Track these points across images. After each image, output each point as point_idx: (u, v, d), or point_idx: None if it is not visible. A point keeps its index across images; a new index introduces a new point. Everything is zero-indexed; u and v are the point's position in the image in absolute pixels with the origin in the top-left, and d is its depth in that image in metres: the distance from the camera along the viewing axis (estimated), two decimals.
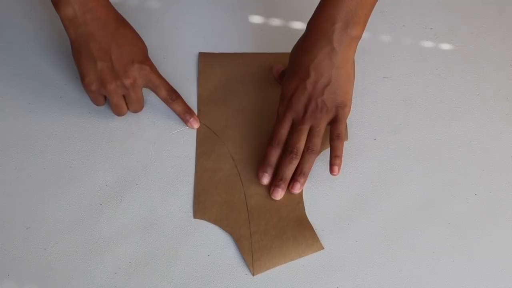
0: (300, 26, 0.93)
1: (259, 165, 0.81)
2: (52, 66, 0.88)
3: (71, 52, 0.80)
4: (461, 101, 0.88)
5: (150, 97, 0.87)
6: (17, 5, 0.94)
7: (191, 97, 0.87)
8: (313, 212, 0.80)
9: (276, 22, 0.94)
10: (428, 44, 0.93)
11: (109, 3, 0.80)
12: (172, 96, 0.83)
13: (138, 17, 0.93)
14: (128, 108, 0.83)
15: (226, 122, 0.86)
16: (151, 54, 0.86)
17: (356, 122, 0.86)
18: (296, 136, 0.80)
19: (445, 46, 0.93)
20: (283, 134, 0.80)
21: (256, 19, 0.94)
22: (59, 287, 0.75)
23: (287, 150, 0.80)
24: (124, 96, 0.81)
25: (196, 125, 0.84)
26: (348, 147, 0.81)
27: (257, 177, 0.81)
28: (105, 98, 0.82)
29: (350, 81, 0.81)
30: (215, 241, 0.78)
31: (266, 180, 0.80)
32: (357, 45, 0.79)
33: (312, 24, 0.79)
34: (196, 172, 0.82)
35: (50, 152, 0.83)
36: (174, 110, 0.84)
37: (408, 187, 0.81)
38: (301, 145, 0.79)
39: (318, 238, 0.78)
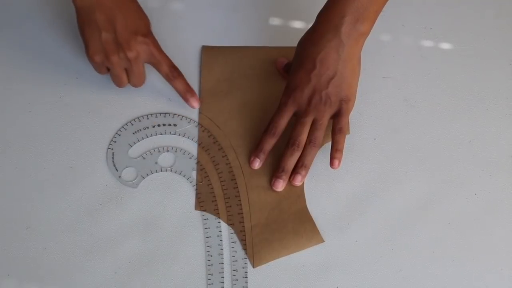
0: (301, 25, 0.93)
1: (252, 151, 0.82)
2: (52, 66, 0.88)
3: (76, 22, 0.79)
4: (461, 101, 0.88)
5: (150, 96, 0.87)
6: (17, 5, 0.94)
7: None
8: (313, 212, 0.80)
9: (276, 21, 0.94)
10: (428, 44, 0.93)
11: None
12: (174, 73, 0.82)
13: None
14: (129, 81, 0.82)
15: (229, 115, 0.86)
16: None
17: (356, 122, 0.86)
18: (298, 128, 0.80)
19: (445, 46, 0.93)
20: (280, 123, 0.81)
21: (257, 18, 0.94)
22: (59, 287, 0.75)
23: (289, 142, 0.80)
24: (126, 69, 0.81)
25: (196, 105, 0.84)
26: (348, 147, 0.82)
27: (249, 162, 0.82)
28: (108, 68, 0.81)
29: (355, 75, 0.81)
30: (215, 241, 0.78)
31: (257, 164, 0.81)
32: (364, 40, 0.79)
33: (322, 16, 0.79)
34: (197, 164, 0.82)
35: (50, 152, 0.83)
36: (174, 88, 0.83)
37: (408, 187, 0.82)
38: (304, 137, 0.80)
39: (318, 231, 0.78)
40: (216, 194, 0.80)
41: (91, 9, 0.77)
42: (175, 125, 0.85)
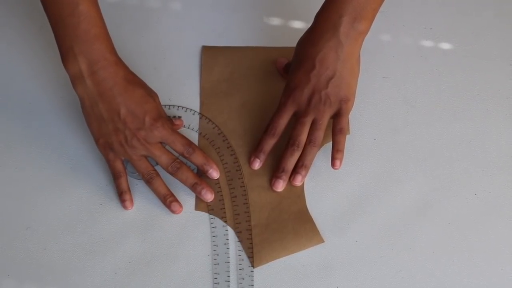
0: (300, 25, 0.93)
1: (252, 151, 0.82)
2: (52, 65, 0.88)
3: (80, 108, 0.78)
4: (461, 101, 0.88)
5: None
6: (17, 5, 0.94)
7: (193, 92, 0.88)
8: (313, 212, 0.80)
9: (276, 21, 0.94)
10: (428, 44, 0.93)
11: (119, 60, 0.77)
12: (188, 150, 0.78)
13: (138, 17, 0.93)
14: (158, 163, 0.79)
15: (229, 115, 0.86)
16: (151, 55, 0.86)
17: (356, 122, 0.86)
18: (298, 128, 0.80)
19: (445, 46, 0.93)
20: (280, 124, 0.81)
21: (257, 18, 0.94)
22: (59, 287, 0.75)
23: (289, 142, 0.80)
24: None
25: (216, 175, 0.80)
26: (348, 147, 0.81)
27: (249, 162, 0.82)
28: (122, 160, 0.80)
29: (354, 75, 0.81)
30: (215, 241, 0.78)
31: (257, 165, 0.81)
32: (363, 39, 0.79)
33: (320, 16, 0.79)
34: None
35: (50, 152, 0.83)
36: (193, 163, 0.80)
37: (408, 187, 0.82)
38: (303, 137, 0.80)
39: (318, 231, 0.78)
40: (216, 194, 0.80)
41: (93, 101, 0.75)
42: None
